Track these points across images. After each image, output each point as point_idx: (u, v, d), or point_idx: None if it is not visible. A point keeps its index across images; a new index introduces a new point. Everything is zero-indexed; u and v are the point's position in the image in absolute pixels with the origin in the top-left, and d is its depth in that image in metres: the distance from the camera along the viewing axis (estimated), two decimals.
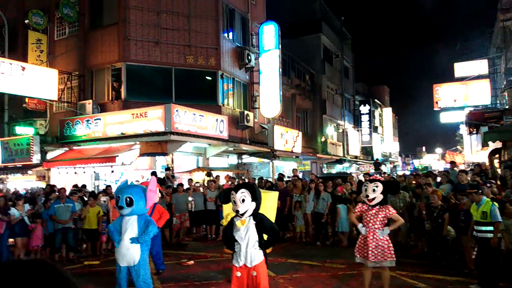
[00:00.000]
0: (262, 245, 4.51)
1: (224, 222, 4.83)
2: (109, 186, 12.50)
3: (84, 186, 12.40)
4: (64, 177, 15.38)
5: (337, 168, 33.45)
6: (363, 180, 7.38)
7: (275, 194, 6.42)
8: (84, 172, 15.47)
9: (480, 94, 26.74)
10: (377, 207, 5.82)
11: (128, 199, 5.44)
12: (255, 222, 4.47)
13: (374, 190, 5.78)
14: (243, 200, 4.40)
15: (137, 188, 5.75)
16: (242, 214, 4.43)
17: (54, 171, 15.91)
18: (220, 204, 11.23)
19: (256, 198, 4.46)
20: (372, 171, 31.79)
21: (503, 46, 25.69)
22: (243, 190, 4.46)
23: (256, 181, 13.68)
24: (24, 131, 16.78)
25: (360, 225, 5.92)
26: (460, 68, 28.53)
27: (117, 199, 5.57)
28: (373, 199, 5.78)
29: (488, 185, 8.52)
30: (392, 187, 6.28)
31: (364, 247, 5.86)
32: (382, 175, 20.53)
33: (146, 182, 8.71)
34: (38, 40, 17.69)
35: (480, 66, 28.06)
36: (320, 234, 10.88)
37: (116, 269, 5.63)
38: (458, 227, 7.84)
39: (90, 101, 16.29)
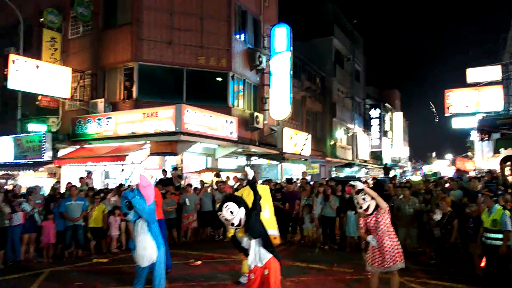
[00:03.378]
0: (266, 243, 4.56)
1: (229, 235, 4.99)
2: (122, 184, 12.61)
3: (82, 178, 12.45)
4: (75, 175, 15.52)
5: (346, 172, 33.32)
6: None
7: (266, 187, 6.55)
8: (94, 170, 15.61)
9: (492, 100, 26.42)
10: (374, 213, 5.87)
11: (127, 203, 5.59)
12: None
13: (364, 199, 5.84)
14: (231, 212, 4.48)
15: (131, 191, 5.84)
16: (239, 225, 4.52)
17: (65, 168, 16.08)
18: None
19: (239, 202, 4.55)
20: (382, 175, 31.62)
21: None
22: (226, 204, 4.55)
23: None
24: (36, 128, 17.00)
25: (369, 237, 5.95)
26: (472, 74, 28.22)
27: (121, 209, 5.80)
28: (368, 207, 5.85)
29: (500, 192, 8.46)
30: (377, 188, 6.34)
31: (376, 255, 5.86)
32: (394, 181, 20.34)
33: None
34: (52, 39, 17.92)
35: (493, 72, 27.74)
36: (328, 238, 10.85)
37: (137, 271, 5.80)
38: (467, 234, 7.79)
39: (102, 99, 16.45)
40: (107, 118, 15.24)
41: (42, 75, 14.87)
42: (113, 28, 17.49)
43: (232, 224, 4.52)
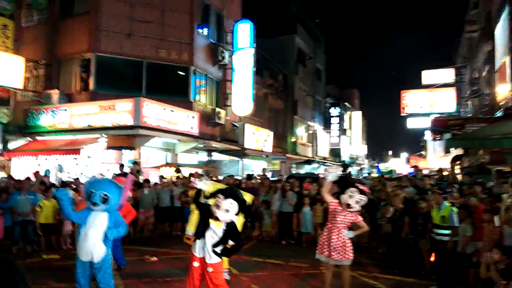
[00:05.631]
0: (221, 251, 4.47)
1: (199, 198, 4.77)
2: (77, 178, 12.20)
3: (38, 173, 12.01)
4: (26, 168, 14.88)
5: (306, 169, 33.82)
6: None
7: (248, 198, 6.37)
8: (47, 164, 15.03)
9: (445, 102, 27.65)
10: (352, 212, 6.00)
11: (104, 196, 5.21)
12: (225, 228, 4.48)
13: (357, 202, 5.94)
14: (227, 211, 4.37)
15: (113, 185, 5.47)
16: (219, 220, 4.46)
17: (16, 161, 15.39)
18: (186, 201, 11.17)
19: (240, 212, 4.47)
20: (339, 172, 32.26)
21: (468, 56, 26.64)
22: (232, 201, 4.38)
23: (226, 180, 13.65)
24: None
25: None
26: (428, 76, 29.40)
27: (89, 194, 5.25)
28: (352, 208, 5.96)
29: (449, 190, 8.85)
30: (371, 206, 6.48)
31: (326, 245, 5.99)
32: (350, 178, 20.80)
33: (116, 178, 8.38)
34: (4, 26, 17.00)
35: (447, 74, 29.01)
36: (285, 233, 10.98)
37: (77, 265, 5.43)
38: (416, 230, 8.09)
39: (57, 91, 15.84)
40: (61, 110, 14.70)
41: None
42: (70, 17, 16.86)
43: (216, 218, 4.40)
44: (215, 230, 4.47)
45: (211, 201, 4.67)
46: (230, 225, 4.50)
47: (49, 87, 16.44)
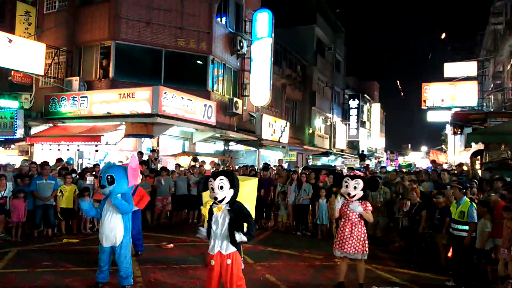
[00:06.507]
0: (235, 238, 4.43)
1: (204, 210, 4.78)
2: (97, 164, 12.37)
3: (60, 159, 12.21)
4: (47, 154, 15.18)
5: (323, 161, 33.66)
6: (346, 174, 7.41)
7: (255, 181, 6.37)
8: (68, 150, 15.29)
9: (467, 96, 27.02)
10: (357, 201, 5.96)
11: (109, 177, 5.44)
12: (230, 209, 4.48)
13: (355, 188, 5.92)
14: (222, 187, 4.39)
15: (118, 167, 5.75)
16: (220, 201, 4.44)
17: (37, 146, 15.71)
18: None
19: (234, 185, 4.47)
20: (357, 165, 32.08)
21: (492, 49, 25.94)
22: (221, 177, 4.44)
23: (241, 170, 13.69)
24: (8, 104, 16.45)
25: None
26: (450, 69, 28.74)
27: (100, 179, 5.60)
28: (354, 196, 5.93)
29: (468, 185, 8.70)
30: (372, 184, 6.39)
31: (342, 240, 5.98)
32: (368, 171, 20.63)
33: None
34: (26, 13, 17.31)
35: (469, 67, 28.31)
36: (300, 225, 10.99)
37: (99, 250, 5.67)
38: (433, 224, 8.00)
39: (77, 78, 16.05)
40: (82, 97, 14.91)
41: (15, 50, 14.35)
42: (90, 4, 17.00)
43: (215, 198, 4.44)
44: (220, 218, 4.49)
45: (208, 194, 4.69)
46: (237, 205, 4.51)
47: (69, 74, 16.69)
